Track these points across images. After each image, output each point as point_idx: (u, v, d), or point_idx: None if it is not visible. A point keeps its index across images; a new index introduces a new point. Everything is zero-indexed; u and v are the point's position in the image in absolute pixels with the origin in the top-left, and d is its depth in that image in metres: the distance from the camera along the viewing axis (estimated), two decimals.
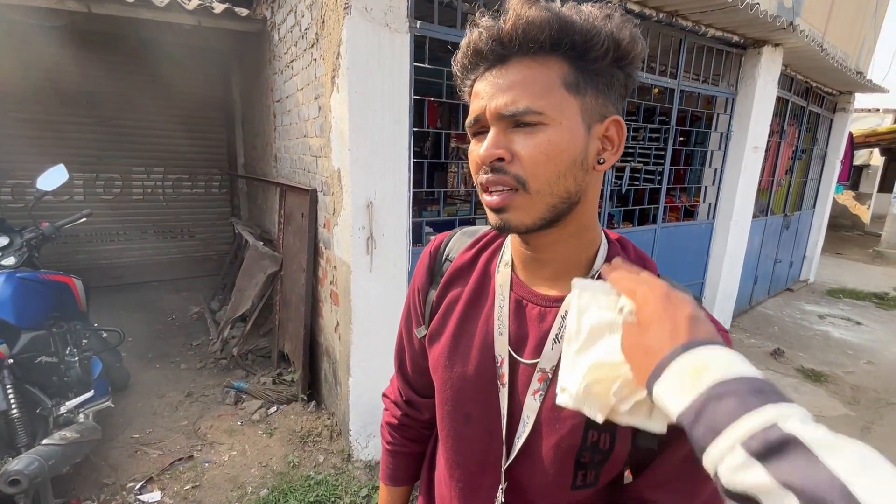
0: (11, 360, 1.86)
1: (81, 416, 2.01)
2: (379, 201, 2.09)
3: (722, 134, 3.85)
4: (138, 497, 2.01)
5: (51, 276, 2.25)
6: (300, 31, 2.57)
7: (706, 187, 4.00)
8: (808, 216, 6.18)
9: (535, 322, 0.59)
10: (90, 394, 2.05)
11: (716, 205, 4.03)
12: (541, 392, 0.58)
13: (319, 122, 2.38)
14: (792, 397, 0.35)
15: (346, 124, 1.95)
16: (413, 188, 2.23)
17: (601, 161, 0.53)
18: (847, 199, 13.13)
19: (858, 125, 10.49)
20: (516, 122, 0.50)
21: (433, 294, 0.68)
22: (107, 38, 4.06)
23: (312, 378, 2.81)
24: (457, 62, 0.54)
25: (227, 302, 3.67)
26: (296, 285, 2.80)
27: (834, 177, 6.31)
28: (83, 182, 4.52)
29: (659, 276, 0.60)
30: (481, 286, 0.64)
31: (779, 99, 4.16)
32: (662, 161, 3.58)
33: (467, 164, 0.58)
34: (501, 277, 0.62)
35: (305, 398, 2.72)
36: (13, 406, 1.77)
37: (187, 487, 2.09)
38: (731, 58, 3.70)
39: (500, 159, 0.50)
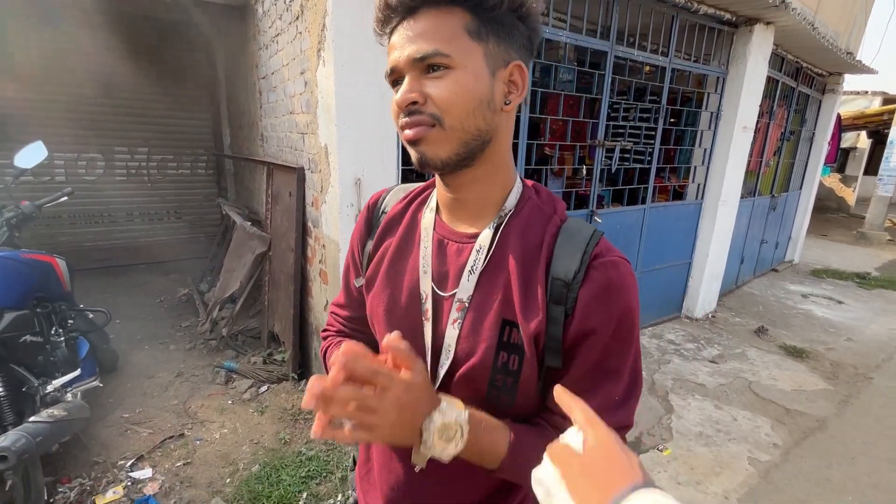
0: None
1: (69, 394, 2.00)
2: (368, 178, 2.07)
3: (712, 114, 3.85)
4: (129, 474, 2.01)
5: (33, 255, 2.20)
6: (285, 3, 2.49)
7: (695, 167, 4.01)
8: (794, 198, 6.25)
9: (454, 257, 0.65)
10: (77, 373, 2.04)
11: (704, 185, 4.05)
12: (458, 321, 0.63)
13: (306, 97, 2.34)
14: None
15: (333, 99, 1.92)
16: (402, 165, 2.21)
17: (507, 102, 0.59)
18: (833, 181, 13.29)
19: (847, 107, 10.56)
20: (427, 66, 0.55)
21: (370, 245, 0.74)
22: (85, 13, 3.92)
23: (303, 357, 2.82)
24: (373, 18, 0.60)
25: (215, 283, 3.64)
26: (284, 265, 2.78)
27: (821, 159, 6.36)
28: (64, 162, 4.41)
29: (566, 219, 0.64)
30: (410, 232, 0.70)
31: (769, 79, 4.15)
32: (652, 141, 3.57)
33: None
34: (426, 221, 0.69)
35: (296, 377, 2.73)
36: None
37: (179, 464, 2.10)
38: (723, 36, 3.67)
39: (415, 102, 0.56)
